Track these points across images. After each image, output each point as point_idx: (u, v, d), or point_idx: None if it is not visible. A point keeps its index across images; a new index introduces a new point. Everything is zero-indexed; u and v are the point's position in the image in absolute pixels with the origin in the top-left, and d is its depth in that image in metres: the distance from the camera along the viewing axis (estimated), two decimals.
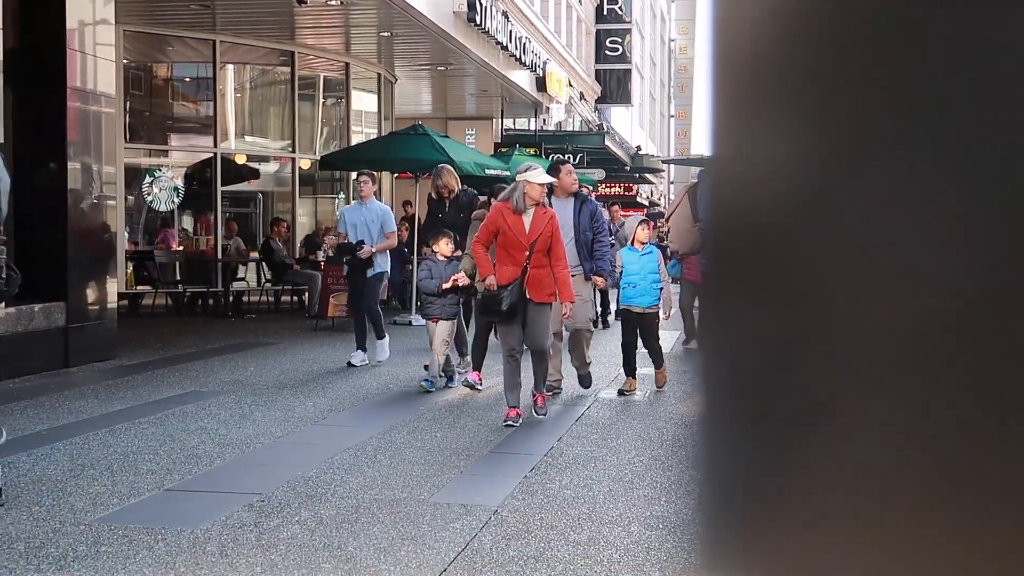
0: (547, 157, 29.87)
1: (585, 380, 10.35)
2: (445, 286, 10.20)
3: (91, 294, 12.27)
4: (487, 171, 19.94)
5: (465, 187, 13.14)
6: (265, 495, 6.31)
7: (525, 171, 8.90)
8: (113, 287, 13.31)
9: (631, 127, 59.81)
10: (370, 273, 12.27)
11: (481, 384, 10.40)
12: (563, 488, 6.56)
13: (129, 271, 17.81)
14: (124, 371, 11.38)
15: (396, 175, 23.15)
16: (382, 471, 7.01)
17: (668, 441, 8.13)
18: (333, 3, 16.59)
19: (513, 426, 8.55)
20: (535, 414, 9.00)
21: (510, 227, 8.81)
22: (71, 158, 12.01)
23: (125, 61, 16.82)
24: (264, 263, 18.97)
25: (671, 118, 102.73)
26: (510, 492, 6.41)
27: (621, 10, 51.51)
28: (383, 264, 12.45)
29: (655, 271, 10.41)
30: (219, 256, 19.00)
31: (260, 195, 22.11)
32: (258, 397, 9.89)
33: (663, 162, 57.81)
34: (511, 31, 24.48)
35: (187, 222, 20.00)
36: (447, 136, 22.12)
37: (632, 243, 10.40)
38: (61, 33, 12.66)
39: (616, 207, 19.07)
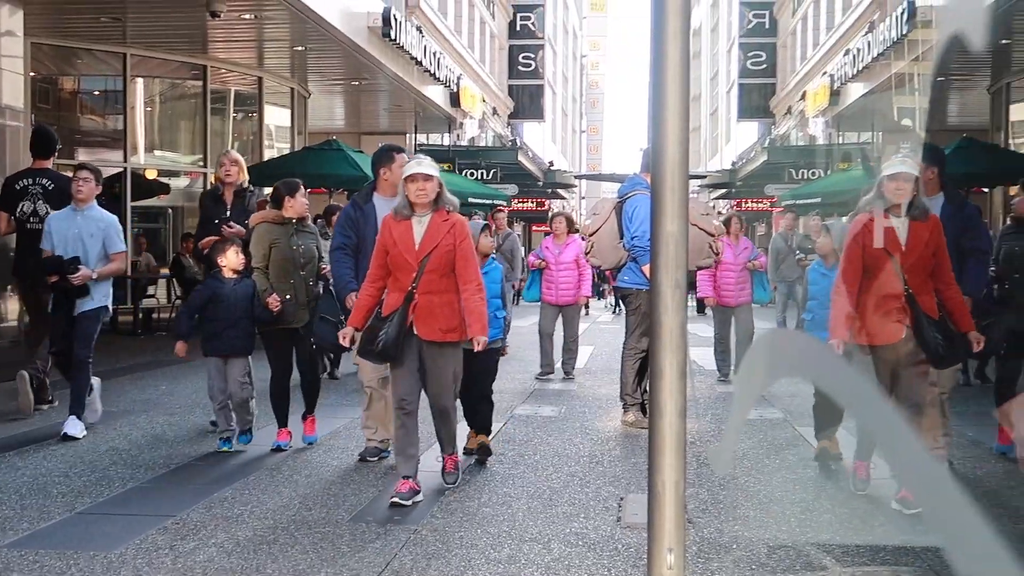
0: (461, 172, 29.94)
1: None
2: (274, 306, 8.04)
3: None
4: None
5: (251, 187, 10.02)
6: (180, 517, 6.22)
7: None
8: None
9: (543, 142, 60.12)
10: (84, 307, 9.04)
11: (290, 441, 8.40)
12: (482, 506, 6.56)
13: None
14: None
15: (309, 190, 23.01)
16: (299, 491, 6.95)
17: (585, 457, 8.16)
18: (246, 17, 16.47)
19: (403, 505, 6.43)
20: (444, 482, 7.11)
21: (396, 241, 6.64)
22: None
23: (33, 74, 16.51)
24: (175, 280, 18.73)
25: (583, 133, 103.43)
26: (429, 511, 6.39)
27: (534, 26, 51.80)
28: (103, 296, 9.18)
29: (498, 293, 8.25)
30: (129, 272, 18.72)
31: (170, 210, 21.85)
32: (170, 417, 9.75)
33: (575, 177, 58.20)
34: (425, 46, 24.49)
35: None
36: (361, 151, 22.05)
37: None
38: None
39: (501, 216, 18.03)
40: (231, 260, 8.37)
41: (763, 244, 34.39)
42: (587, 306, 32.39)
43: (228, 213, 9.45)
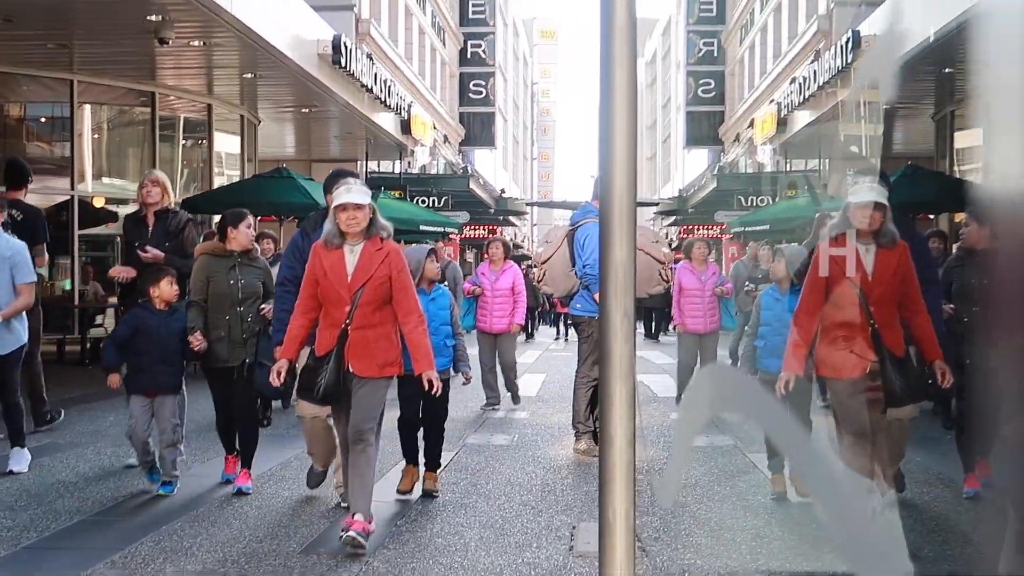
0: (412, 200, 29.93)
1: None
2: (195, 344, 7.59)
3: None
4: None
5: (177, 207, 9.93)
6: (128, 551, 6.13)
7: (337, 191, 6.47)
8: None
9: (495, 169, 60.27)
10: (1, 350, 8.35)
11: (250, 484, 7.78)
12: (434, 536, 6.52)
13: None
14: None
15: (260, 218, 22.91)
16: (249, 523, 6.88)
17: (537, 486, 8.14)
18: (195, 44, 16.40)
19: (360, 546, 6.01)
20: (343, 542, 6.10)
21: (327, 272, 6.24)
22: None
23: None
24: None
25: (534, 160, 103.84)
26: (381, 541, 6.34)
27: (484, 53, 52.01)
28: (19, 334, 8.51)
29: (447, 321, 7.99)
30: (76, 301, 18.52)
31: (118, 238, 21.66)
32: (118, 448, 9.62)
33: (527, 204, 58.35)
34: (376, 73, 24.49)
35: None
36: (311, 179, 21.97)
37: (419, 282, 7.58)
38: None
39: (441, 243, 17.66)
40: (164, 291, 7.81)
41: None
42: (530, 334, 32.43)
43: (149, 236, 9.05)
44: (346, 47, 21.11)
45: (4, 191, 10.43)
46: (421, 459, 7.92)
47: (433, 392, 6.32)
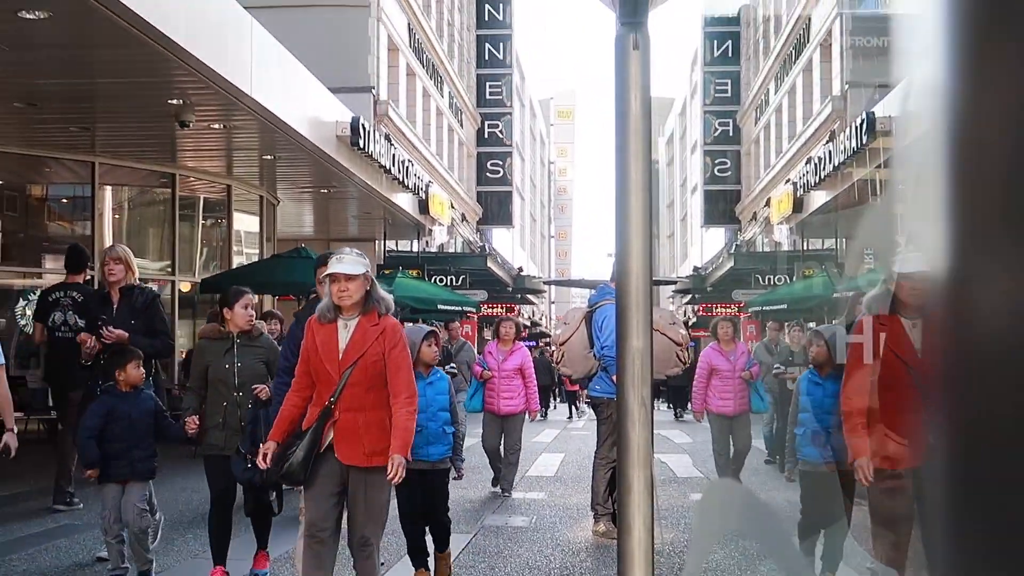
0: (430, 279, 30.02)
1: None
2: (190, 428, 7.25)
3: None
4: None
5: (143, 284, 9.68)
6: None
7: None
8: None
9: (512, 248, 60.50)
10: None
11: None
12: None
13: None
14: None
15: (278, 298, 23.00)
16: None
17: (556, 570, 8.07)
18: (215, 126, 16.56)
19: None
20: None
21: (319, 348, 5.83)
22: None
23: (1, 183, 16.53)
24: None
25: (551, 239, 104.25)
26: None
27: (501, 133, 52.41)
28: None
29: (445, 406, 7.61)
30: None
31: None
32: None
33: (544, 283, 58.46)
34: (394, 154, 24.69)
35: None
36: None
37: (416, 366, 7.05)
38: None
39: (458, 323, 17.35)
40: (130, 375, 7.46)
41: None
42: (544, 414, 32.46)
43: (113, 314, 8.72)
44: (364, 129, 21.31)
45: (65, 275, 11.32)
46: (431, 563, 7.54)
47: (391, 478, 5.59)
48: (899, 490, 5.61)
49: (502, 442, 12.85)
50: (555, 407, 37.51)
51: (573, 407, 35.41)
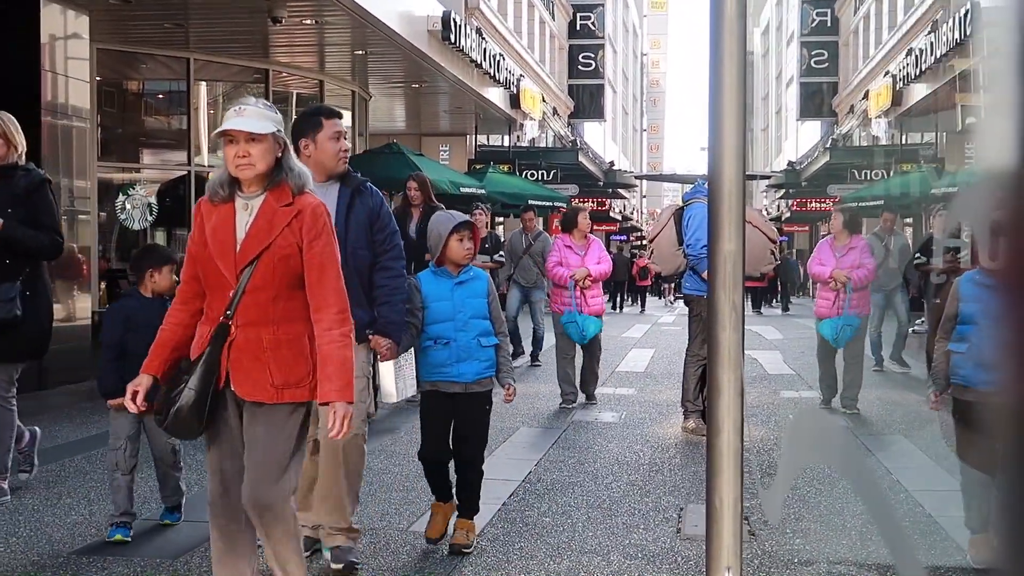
0: (521, 174, 29.97)
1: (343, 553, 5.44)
2: None
3: (64, 314, 12.20)
4: (462, 189, 20.00)
5: (26, 163, 7.22)
6: None
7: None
8: (87, 306, 13.29)
9: (604, 142, 60.07)
10: None
11: None
12: (541, 516, 6.56)
13: (102, 290, 17.71)
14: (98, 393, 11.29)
15: None
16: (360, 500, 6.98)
17: (645, 465, 8.14)
18: (307, 22, 16.57)
19: None
20: None
21: (208, 239, 4.27)
22: (47, 173, 11.99)
23: (98, 78, 16.74)
24: None
25: (643, 132, 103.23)
26: (488, 520, 6.40)
27: (594, 25, 51.74)
28: None
29: (483, 312, 5.92)
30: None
31: None
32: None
33: (636, 178, 58.05)
34: (485, 48, 24.54)
35: (160, 239, 19.91)
36: (421, 154, 22.14)
37: (441, 261, 5.90)
38: (36, 51, 12.67)
39: (531, 213, 16.11)
40: (161, 282, 6.25)
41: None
42: (619, 308, 32.97)
43: None
44: (455, 23, 21.19)
45: None
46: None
47: (334, 435, 4.16)
48: None
49: (578, 351, 11.27)
50: (631, 302, 37.93)
51: (642, 300, 37.06)
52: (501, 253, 14.22)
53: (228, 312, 4.19)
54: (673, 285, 35.90)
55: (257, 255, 4.17)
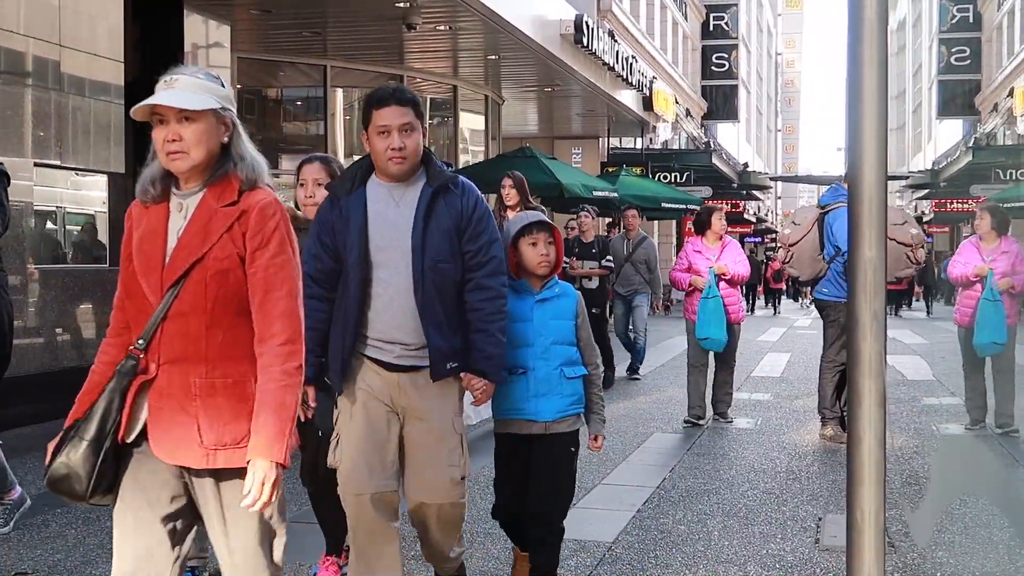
0: (654, 176, 29.82)
1: None
2: None
3: None
4: (594, 193, 19.97)
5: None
6: None
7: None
8: None
9: (738, 143, 59.52)
10: None
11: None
12: (676, 524, 6.50)
13: None
14: None
15: None
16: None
17: (782, 473, 8.01)
18: (441, 28, 16.73)
19: None
20: None
21: (136, 248, 3.27)
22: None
23: (239, 86, 17.12)
24: None
25: (778, 132, 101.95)
26: (623, 527, 6.36)
27: (727, 26, 51.28)
28: None
29: (569, 337, 4.84)
30: None
31: None
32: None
33: (771, 179, 57.33)
34: (617, 51, 24.47)
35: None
36: (554, 158, 22.18)
37: (519, 272, 4.83)
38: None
39: (633, 212, 14.80)
40: None
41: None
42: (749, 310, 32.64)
43: None
44: (588, 26, 21.18)
45: None
46: None
47: (249, 505, 3.04)
48: None
49: (710, 360, 10.35)
50: (765, 304, 37.74)
51: (776, 302, 37.21)
52: (609, 258, 13.08)
53: (140, 342, 3.15)
54: (810, 288, 35.50)
55: (186, 271, 3.13)
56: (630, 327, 13.86)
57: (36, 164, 10.74)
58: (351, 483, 4.35)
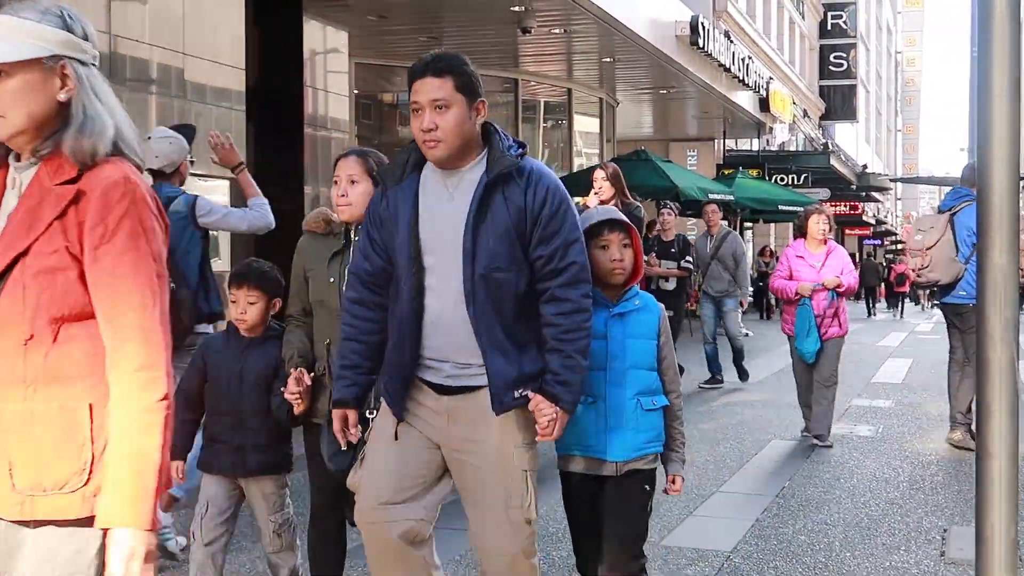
0: (770, 178, 29.46)
1: None
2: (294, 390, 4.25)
3: None
4: (710, 195, 19.79)
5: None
6: None
7: None
8: None
9: (856, 143, 58.56)
10: None
11: None
12: (796, 533, 6.38)
13: None
14: None
15: None
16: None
17: (905, 483, 7.83)
18: (556, 31, 16.74)
19: None
20: None
21: None
22: (308, 184, 12.53)
23: (356, 91, 17.31)
24: None
25: (898, 133, 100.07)
26: (742, 536, 6.27)
27: (846, 24, 50.45)
28: None
29: (649, 360, 4.07)
30: None
31: None
32: None
33: (891, 180, 56.25)
34: (733, 52, 24.24)
35: None
36: (669, 161, 22.03)
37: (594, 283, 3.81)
38: (299, 67, 13.22)
39: (714, 207, 13.85)
40: (241, 307, 4.61)
41: None
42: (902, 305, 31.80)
43: None
44: (703, 27, 21.01)
45: None
46: None
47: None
48: None
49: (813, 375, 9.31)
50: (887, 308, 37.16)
51: (899, 308, 36.39)
52: (689, 258, 12.48)
53: None
54: (928, 292, 34.86)
55: (7, 268, 2.41)
56: (718, 331, 13.04)
57: None
58: (367, 508, 3.71)
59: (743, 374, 13.36)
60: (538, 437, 3.65)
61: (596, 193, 8.93)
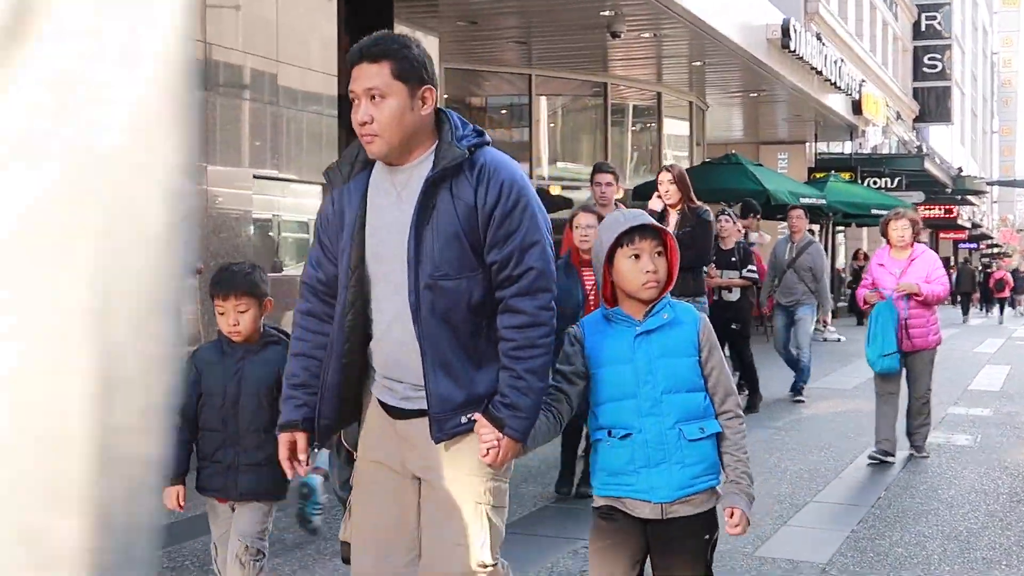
0: (863, 182, 29.06)
1: None
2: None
3: None
4: (801, 199, 19.61)
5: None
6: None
7: None
8: None
9: (951, 145, 57.60)
10: None
11: None
12: (893, 545, 6.27)
13: None
14: None
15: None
16: None
17: (1004, 495, 7.66)
18: (645, 35, 16.66)
19: None
20: None
21: None
22: None
23: (446, 96, 17.39)
24: None
25: (994, 135, 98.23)
26: (837, 548, 6.18)
27: (940, 25, 49.66)
28: None
29: (690, 380, 3.44)
30: None
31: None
32: None
33: (987, 183, 55.21)
34: (825, 54, 23.93)
35: None
36: (760, 164, 21.82)
37: (612, 298, 3.52)
38: None
39: (799, 211, 13.39)
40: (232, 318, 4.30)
41: None
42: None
43: None
44: (795, 30, 20.77)
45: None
46: None
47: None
48: None
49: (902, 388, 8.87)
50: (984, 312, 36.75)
51: (1000, 311, 35.96)
52: (751, 267, 11.61)
53: None
54: None
55: None
56: (791, 342, 12.26)
57: (255, 176, 11.09)
58: (360, 570, 3.45)
59: (798, 393, 12.23)
60: (483, 457, 3.21)
61: (660, 196, 8.55)
